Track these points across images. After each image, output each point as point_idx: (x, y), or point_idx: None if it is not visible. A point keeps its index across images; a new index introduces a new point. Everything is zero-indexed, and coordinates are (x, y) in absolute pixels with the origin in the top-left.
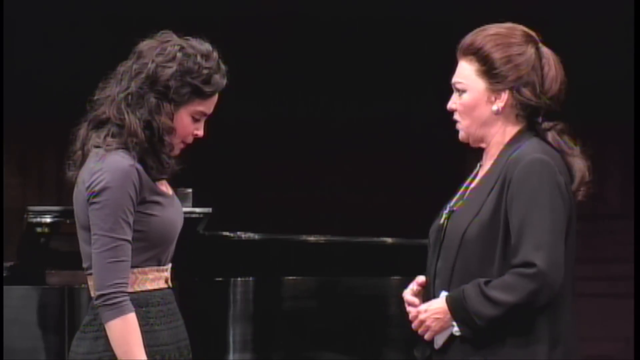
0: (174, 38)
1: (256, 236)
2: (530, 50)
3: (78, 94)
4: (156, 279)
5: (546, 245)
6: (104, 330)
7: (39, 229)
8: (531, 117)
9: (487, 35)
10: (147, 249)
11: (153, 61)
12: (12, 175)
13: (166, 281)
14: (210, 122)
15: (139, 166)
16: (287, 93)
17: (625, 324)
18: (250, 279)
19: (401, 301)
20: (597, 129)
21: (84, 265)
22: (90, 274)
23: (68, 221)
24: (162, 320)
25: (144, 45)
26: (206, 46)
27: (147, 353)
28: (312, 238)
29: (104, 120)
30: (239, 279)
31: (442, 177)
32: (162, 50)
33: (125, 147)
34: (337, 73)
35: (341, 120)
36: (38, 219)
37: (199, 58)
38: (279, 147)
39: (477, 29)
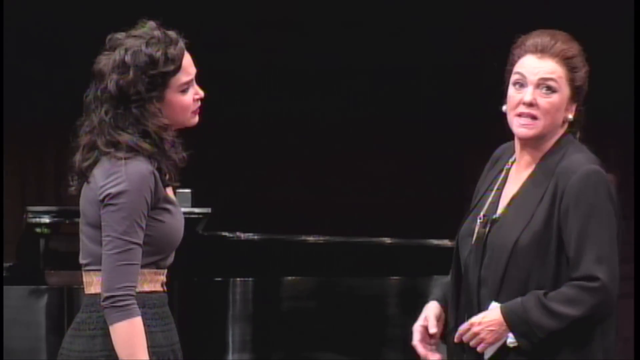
0: (118, 39)
1: (255, 236)
2: None
3: (78, 95)
4: (153, 281)
5: (607, 259)
6: (101, 329)
7: (38, 229)
8: (571, 130)
9: (575, 45)
10: (150, 253)
11: (111, 79)
12: (11, 175)
13: (162, 285)
14: (209, 122)
15: (156, 173)
16: (287, 93)
17: (625, 323)
18: (250, 279)
19: (400, 301)
20: (596, 128)
21: (84, 261)
22: (89, 271)
23: (67, 221)
24: (158, 322)
25: (97, 65)
26: (146, 29)
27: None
28: (311, 238)
29: (99, 146)
30: (238, 279)
31: (441, 178)
32: (113, 63)
33: (143, 155)
34: (338, 74)
35: (341, 120)
36: (37, 219)
37: (145, 48)
38: (278, 147)
39: (550, 31)
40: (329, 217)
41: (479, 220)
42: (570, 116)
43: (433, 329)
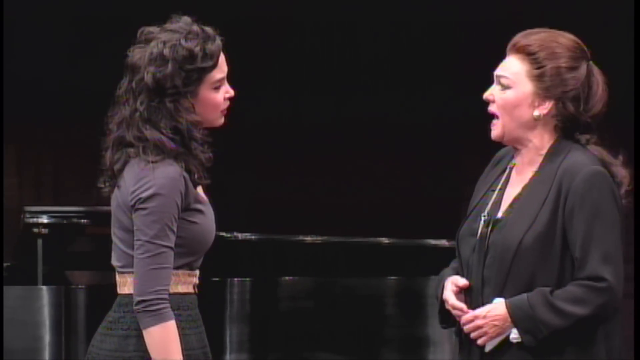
0: (153, 34)
1: (253, 236)
2: (583, 66)
3: (75, 95)
4: (187, 283)
5: (613, 259)
6: (135, 330)
7: (35, 230)
8: (569, 128)
9: (546, 41)
10: (184, 254)
11: (147, 72)
12: (9, 175)
13: (194, 287)
14: None
15: (186, 174)
16: (286, 93)
17: (624, 323)
18: (247, 279)
19: (397, 301)
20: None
21: (117, 264)
22: (123, 272)
23: (65, 221)
24: (191, 325)
25: (132, 58)
26: (183, 23)
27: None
28: (308, 238)
29: (128, 141)
30: (235, 279)
31: (440, 178)
32: (150, 56)
33: (170, 157)
34: (337, 74)
35: (338, 120)
36: (35, 219)
37: (184, 42)
38: (276, 147)
39: (534, 30)
40: (326, 217)
41: (482, 220)
42: (538, 112)
43: (464, 282)
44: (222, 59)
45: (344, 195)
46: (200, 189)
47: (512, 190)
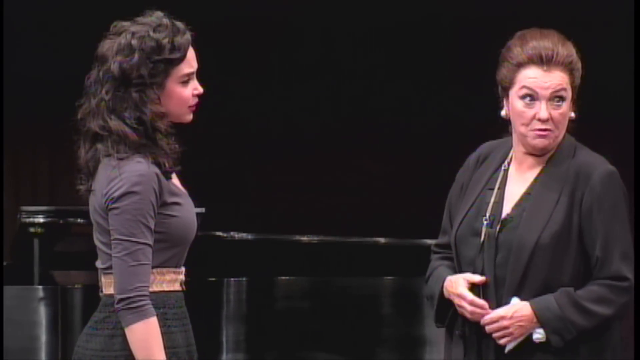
0: (124, 26)
1: (249, 236)
2: None
3: (72, 95)
4: (172, 280)
5: (631, 258)
6: (121, 329)
7: (32, 229)
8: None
9: (571, 47)
10: (167, 249)
11: (114, 61)
12: (5, 175)
13: (181, 284)
14: (204, 121)
15: (156, 170)
16: (283, 93)
17: (624, 324)
18: (244, 279)
19: (394, 301)
20: (592, 128)
21: (103, 265)
22: (107, 274)
23: (61, 221)
24: (177, 322)
25: (101, 49)
26: (154, 16)
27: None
28: (305, 238)
29: (96, 134)
30: (232, 279)
31: (436, 177)
32: (118, 46)
33: (137, 152)
34: (334, 73)
35: (335, 119)
36: (31, 219)
37: (152, 33)
38: (272, 147)
39: (550, 33)
40: (323, 217)
41: (484, 220)
42: (573, 114)
43: (480, 278)
44: (191, 54)
45: (340, 195)
46: (176, 180)
47: (515, 189)
